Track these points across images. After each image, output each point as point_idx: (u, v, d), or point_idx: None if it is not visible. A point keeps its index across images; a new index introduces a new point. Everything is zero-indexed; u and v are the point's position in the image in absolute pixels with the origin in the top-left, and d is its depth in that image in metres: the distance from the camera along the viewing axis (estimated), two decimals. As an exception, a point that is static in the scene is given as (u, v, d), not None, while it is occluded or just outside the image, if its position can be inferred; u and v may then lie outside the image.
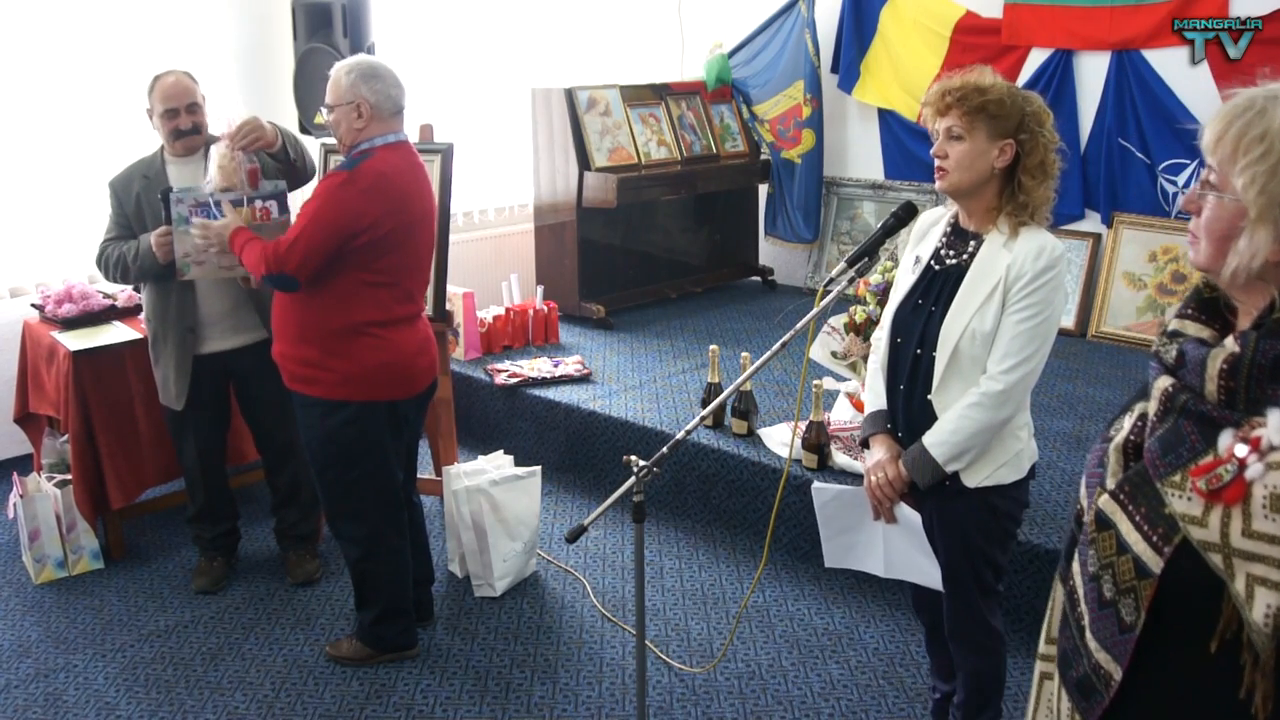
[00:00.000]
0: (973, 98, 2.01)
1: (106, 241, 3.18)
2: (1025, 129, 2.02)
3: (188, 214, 2.92)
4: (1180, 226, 4.83)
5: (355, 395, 2.71)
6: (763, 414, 3.92)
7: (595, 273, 5.48)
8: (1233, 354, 1.16)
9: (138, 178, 3.16)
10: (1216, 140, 1.19)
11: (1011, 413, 2.06)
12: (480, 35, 5.58)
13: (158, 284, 3.16)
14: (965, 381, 2.07)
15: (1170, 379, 1.23)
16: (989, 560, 2.21)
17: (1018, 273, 2.02)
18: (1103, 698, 1.26)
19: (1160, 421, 1.23)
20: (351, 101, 2.66)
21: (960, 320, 2.05)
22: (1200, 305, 1.29)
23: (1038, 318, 2.02)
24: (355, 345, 2.69)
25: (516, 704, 2.78)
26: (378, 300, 2.70)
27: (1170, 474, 1.18)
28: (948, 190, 2.09)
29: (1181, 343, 1.24)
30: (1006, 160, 2.03)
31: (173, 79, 3.10)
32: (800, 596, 3.30)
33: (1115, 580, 1.23)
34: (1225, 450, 1.13)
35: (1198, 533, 1.14)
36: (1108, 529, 1.25)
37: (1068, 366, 4.57)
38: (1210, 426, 1.16)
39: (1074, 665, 1.32)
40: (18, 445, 4.19)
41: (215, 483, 3.41)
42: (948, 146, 2.05)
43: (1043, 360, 2.06)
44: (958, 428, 2.05)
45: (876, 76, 5.77)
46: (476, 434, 4.52)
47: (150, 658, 3.01)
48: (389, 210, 2.63)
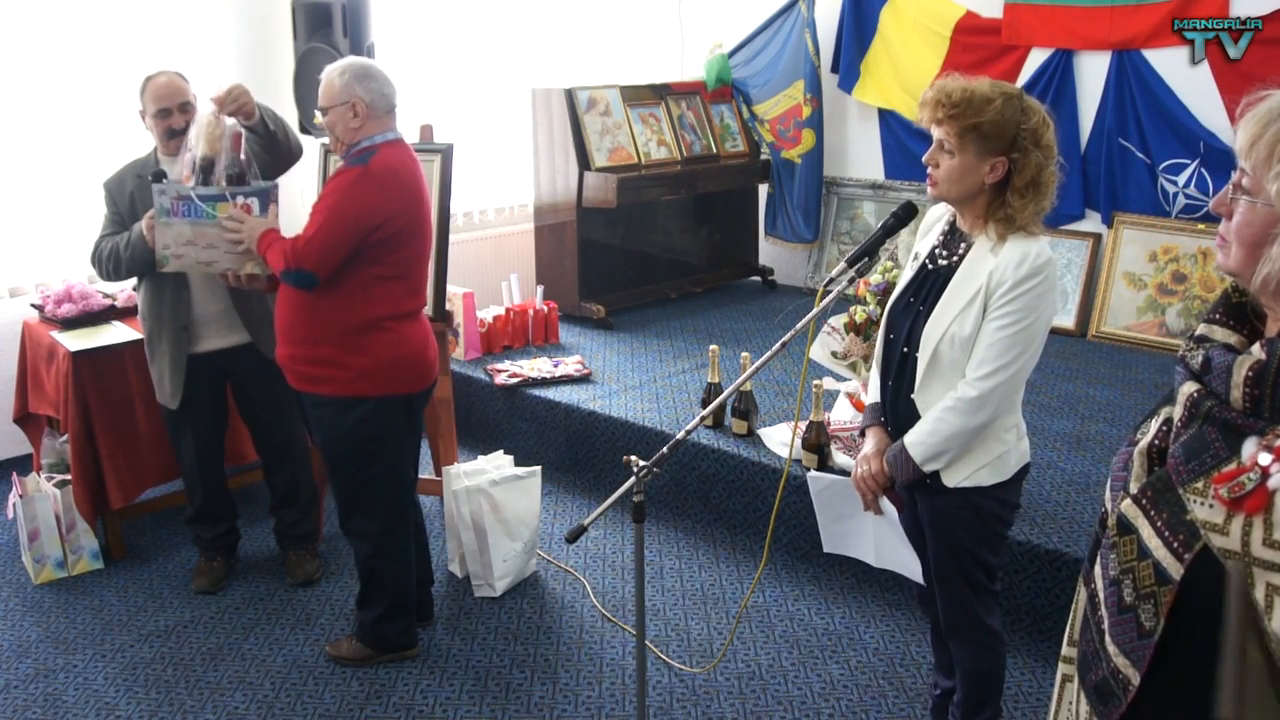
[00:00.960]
0: (965, 117, 1.96)
1: (101, 238, 3.20)
2: (1018, 147, 1.98)
3: (169, 206, 2.92)
4: (1180, 227, 4.83)
5: (373, 390, 2.73)
6: (763, 414, 3.92)
7: (595, 273, 5.48)
8: (1259, 361, 1.15)
9: (131, 177, 3.18)
10: (1251, 144, 1.16)
11: (988, 418, 2.04)
12: (480, 35, 5.58)
13: (152, 282, 3.16)
14: (945, 383, 2.07)
15: (1196, 384, 1.22)
16: (977, 559, 2.21)
17: (999, 280, 1.99)
18: (1120, 702, 1.25)
19: (1185, 427, 1.22)
20: (347, 101, 2.67)
21: (941, 323, 2.05)
22: (1228, 310, 1.27)
23: (1017, 325, 1.99)
24: (371, 340, 2.71)
25: (516, 704, 2.78)
26: (391, 294, 2.73)
27: (1193, 480, 1.17)
28: (938, 198, 2.09)
29: (1208, 348, 1.23)
30: (998, 177, 2.01)
31: (164, 79, 3.12)
32: (800, 596, 3.30)
33: (1135, 585, 1.23)
34: (1249, 458, 1.12)
35: (1219, 540, 1.13)
36: (1129, 533, 1.24)
37: (1068, 366, 4.57)
38: (1234, 434, 1.15)
39: (1093, 669, 1.32)
40: (17, 445, 4.19)
41: (213, 482, 3.41)
42: (939, 157, 2.03)
43: (1025, 367, 2.04)
44: (934, 429, 2.06)
45: (877, 76, 5.77)
46: (476, 434, 4.52)
47: (150, 658, 3.01)
48: (404, 204, 2.67)
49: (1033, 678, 2.84)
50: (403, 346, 2.76)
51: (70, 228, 4.22)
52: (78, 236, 4.13)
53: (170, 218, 2.93)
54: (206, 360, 3.23)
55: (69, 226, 4.22)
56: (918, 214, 2.20)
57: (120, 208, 3.18)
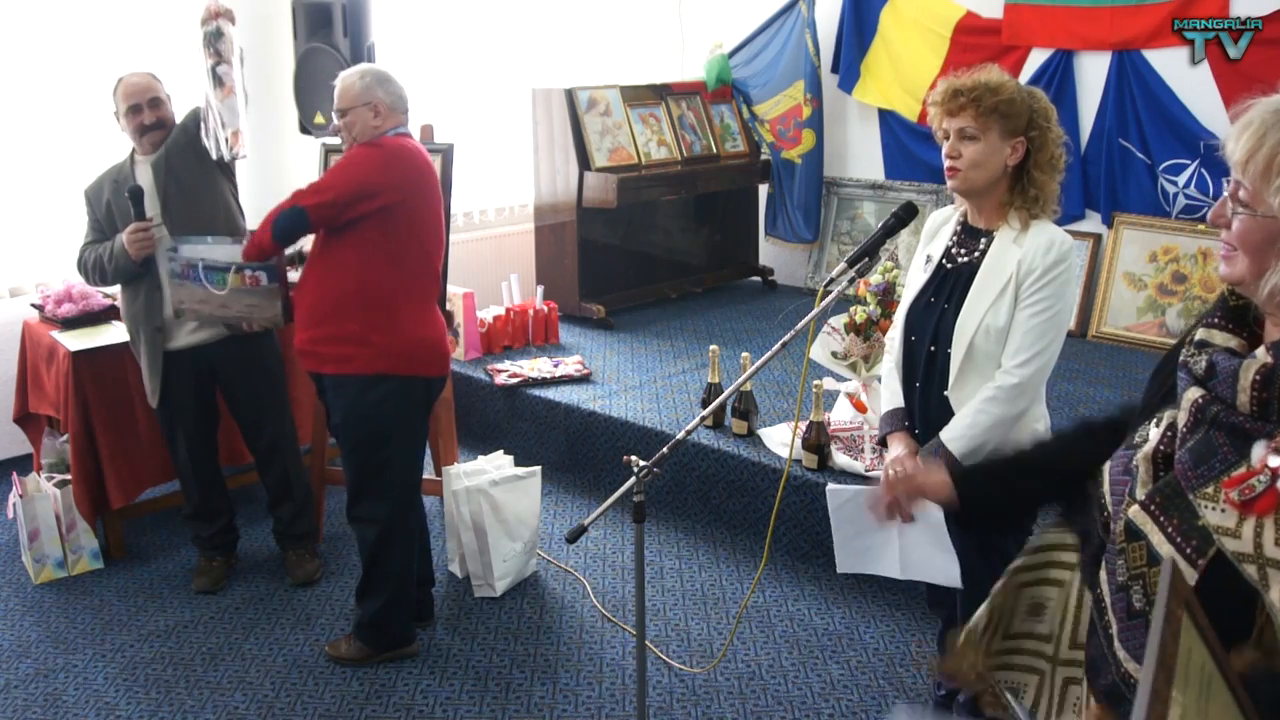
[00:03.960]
0: (986, 98, 2.03)
1: (84, 246, 3.24)
2: (1035, 125, 2.06)
3: (180, 271, 3.04)
4: (1180, 227, 4.83)
5: (396, 369, 2.79)
6: (763, 414, 3.92)
7: (595, 273, 5.47)
8: (1266, 365, 1.14)
9: (108, 183, 3.21)
10: (1248, 157, 1.16)
11: (1026, 405, 2.08)
12: (480, 35, 5.58)
13: (129, 284, 3.20)
14: (981, 377, 2.09)
15: (1200, 390, 1.21)
16: (1006, 558, 2.19)
17: (1029, 267, 2.05)
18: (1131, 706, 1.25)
19: (1191, 433, 1.21)
20: (368, 102, 2.78)
21: (974, 317, 2.08)
22: (1227, 313, 1.27)
23: (1050, 310, 2.05)
24: (398, 318, 2.78)
25: (516, 704, 2.78)
26: (413, 276, 2.82)
27: (1203, 486, 1.17)
28: (961, 190, 2.11)
29: (1210, 353, 1.23)
30: (1018, 157, 2.07)
31: (135, 78, 3.17)
32: (800, 596, 3.30)
33: (1146, 591, 1.22)
34: (1259, 461, 1.12)
35: (1231, 544, 1.13)
36: (1138, 540, 1.24)
37: (1068, 366, 4.56)
38: (1243, 438, 1.15)
39: (1102, 673, 1.32)
40: (18, 445, 4.19)
41: (207, 480, 3.41)
42: (961, 146, 2.07)
43: (1056, 353, 2.10)
44: (974, 422, 2.07)
45: (877, 77, 5.77)
46: (476, 434, 4.52)
47: (150, 658, 3.01)
48: (409, 179, 2.77)
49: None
50: (424, 329, 2.85)
51: (71, 228, 4.18)
52: (78, 237, 4.11)
53: (181, 280, 3.05)
54: (189, 357, 3.24)
55: (69, 226, 4.20)
56: (918, 214, 2.20)
57: (99, 214, 3.23)
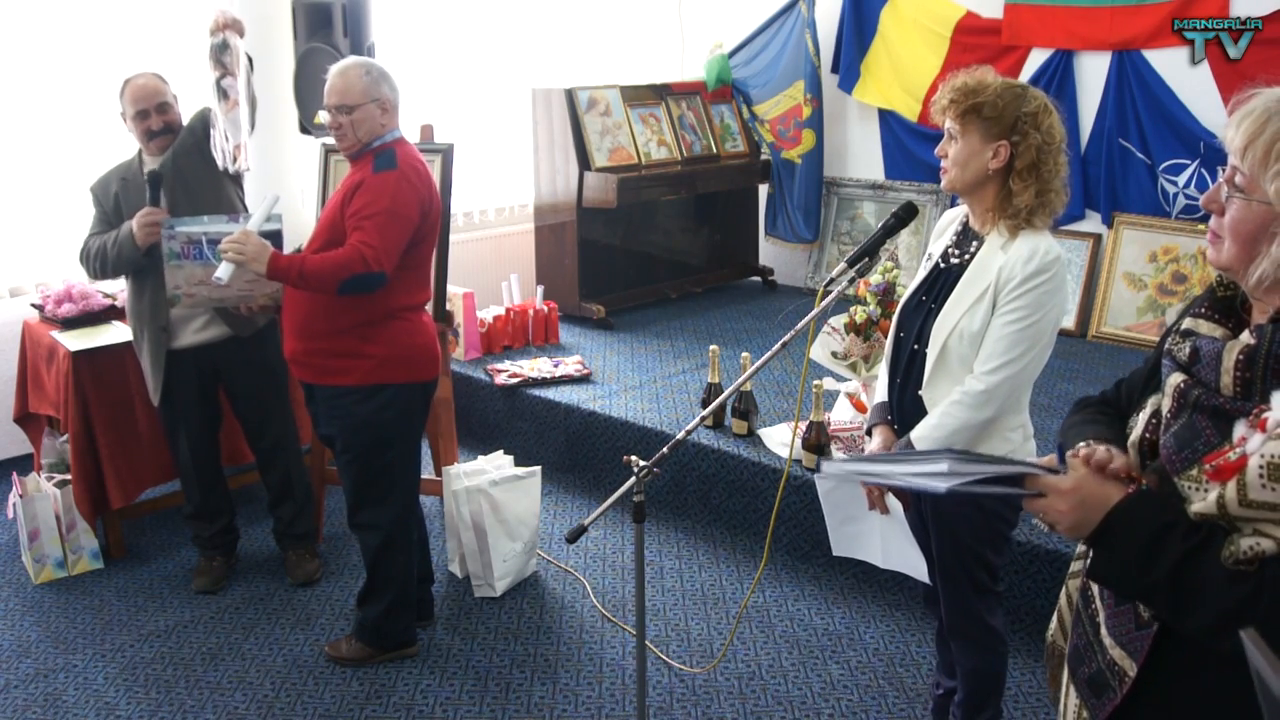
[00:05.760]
0: (963, 100, 2.03)
1: (89, 236, 3.23)
2: (1017, 130, 2.02)
3: (180, 250, 2.99)
4: (1180, 227, 4.83)
5: (394, 377, 2.79)
6: (763, 414, 3.92)
7: (595, 273, 5.47)
8: (1248, 345, 1.16)
9: (116, 180, 3.21)
10: (1247, 143, 1.17)
11: (993, 414, 2.05)
12: (480, 35, 5.58)
13: (134, 283, 3.20)
14: (953, 379, 2.09)
15: (1182, 375, 1.23)
16: (980, 559, 2.21)
17: (1008, 275, 2.03)
18: (1115, 694, 1.26)
19: (1174, 418, 1.23)
20: (377, 99, 2.74)
21: (951, 319, 2.08)
22: (1214, 304, 1.29)
23: (1025, 321, 2.01)
24: (392, 329, 2.78)
25: (516, 704, 2.78)
26: (407, 285, 2.80)
27: (1187, 468, 1.18)
28: (948, 189, 2.12)
29: (1195, 340, 1.25)
30: (1001, 162, 2.04)
31: (142, 81, 3.14)
32: (800, 596, 3.30)
33: None
34: (1238, 440, 1.14)
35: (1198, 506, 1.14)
36: None
37: (1068, 366, 4.57)
38: (1224, 419, 1.16)
39: (1086, 662, 1.33)
40: (18, 445, 4.19)
41: (209, 480, 3.41)
42: (948, 146, 2.09)
43: (1033, 364, 2.05)
44: (940, 424, 2.07)
45: (877, 77, 5.77)
46: (476, 434, 4.52)
47: (150, 658, 3.01)
48: (431, 198, 2.80)
49: (1033, 678, 2.84)
50: (418, 335, 2.85)
51: (71, 228, 4.19)
52: (78, 237, 4.11)
53: (180, 260, 3.00)
54: (192, 356, 3.24)
55: (69, 226, 4.20)
56: (918, 214, 2.21)
57: (106, 209, 3.22)
